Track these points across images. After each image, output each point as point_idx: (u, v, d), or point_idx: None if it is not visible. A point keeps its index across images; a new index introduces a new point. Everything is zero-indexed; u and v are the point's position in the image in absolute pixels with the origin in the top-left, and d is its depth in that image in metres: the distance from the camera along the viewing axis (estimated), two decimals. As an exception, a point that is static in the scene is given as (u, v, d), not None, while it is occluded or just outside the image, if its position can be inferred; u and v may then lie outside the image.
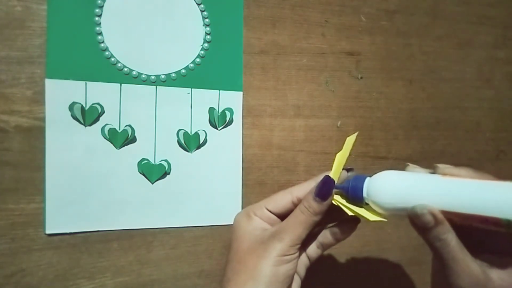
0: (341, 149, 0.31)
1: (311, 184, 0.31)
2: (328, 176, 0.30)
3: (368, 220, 0.29)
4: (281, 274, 0.29)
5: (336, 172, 0.31)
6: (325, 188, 0.30)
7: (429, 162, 0.46)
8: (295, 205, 0.31)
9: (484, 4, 0.49)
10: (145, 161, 0.36)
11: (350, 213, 0.30)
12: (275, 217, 0.32)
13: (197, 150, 0.38)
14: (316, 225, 0.30)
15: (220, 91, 0.38)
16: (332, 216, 0.32)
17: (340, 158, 0.31)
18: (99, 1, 0.35)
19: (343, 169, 0.32)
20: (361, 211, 0.29)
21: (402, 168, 0.44)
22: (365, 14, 0.43)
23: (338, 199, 0.31)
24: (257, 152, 0.40)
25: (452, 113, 0.47)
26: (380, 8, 0.44)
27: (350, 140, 0.32)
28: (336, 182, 0.30)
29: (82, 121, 0.34)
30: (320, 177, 0.31)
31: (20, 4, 0.33)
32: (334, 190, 0.30)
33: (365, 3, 0.43)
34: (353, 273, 0.43)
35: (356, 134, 0.32)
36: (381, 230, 0.45)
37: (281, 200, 0.32)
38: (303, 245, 0.31)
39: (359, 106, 0.43)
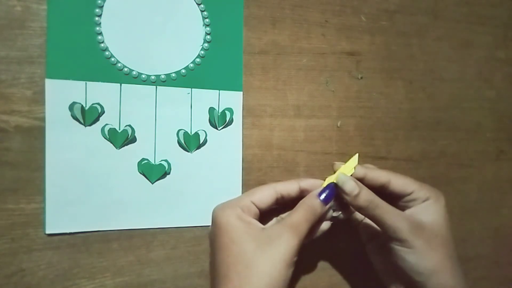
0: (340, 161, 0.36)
1: (293, 185, 0.34)
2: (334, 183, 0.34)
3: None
4: (288, 278, 0.29)
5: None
6: (329, 193, 0.33)
7: (429, 162, 0.46)
8: (277, 202, 0.33)
9: (484, 4, 0.49)
10: (145, 161, 0.36)
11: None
12: (257, 211, 0.33)
13: (197, 150, 0.38)
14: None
15: (220, 91, 0.38)
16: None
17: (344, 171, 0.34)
18: (99, 1, 0.35)
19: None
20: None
21: (403, 168, 0.44)
22: (365, 14, 0.43)
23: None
24: (257, 152, 0.40)
25: (452, 113, 0.47)
26: (380, 8, 0.44)
27: (353, 162, 0.35)
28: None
29: (82, 121, 0.34)
30: (304, 181, 0.34)
31: (20, 4, 0.33)
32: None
33: (365, 3, 0.43)
34: (353, 273, 0.43)
35: (357, 155, 0.35)
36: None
37: (266, 194, 0.33)
38: None
39: (359, 106, 0.43)
